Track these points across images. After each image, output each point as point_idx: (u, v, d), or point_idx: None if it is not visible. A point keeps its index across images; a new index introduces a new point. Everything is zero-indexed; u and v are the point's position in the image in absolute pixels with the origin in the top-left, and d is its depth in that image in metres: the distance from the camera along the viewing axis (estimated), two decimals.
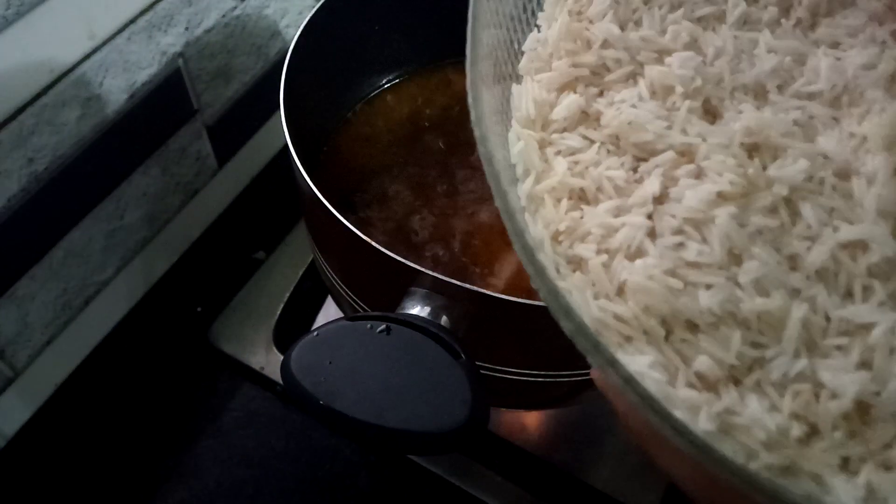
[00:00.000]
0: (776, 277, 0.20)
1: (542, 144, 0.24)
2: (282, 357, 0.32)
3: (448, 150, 0.49)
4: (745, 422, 0.19)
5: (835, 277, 0.21)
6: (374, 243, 0.33)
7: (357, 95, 0.52)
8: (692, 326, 0.20)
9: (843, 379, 0.19)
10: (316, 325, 0.53)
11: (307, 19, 0.42)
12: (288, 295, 0.57)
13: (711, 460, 0.17)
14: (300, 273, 0.58)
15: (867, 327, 0.20)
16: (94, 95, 0.44)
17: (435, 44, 0.53)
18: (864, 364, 0.19)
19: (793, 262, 0.21)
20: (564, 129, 0.24)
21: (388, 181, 0.47)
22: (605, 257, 0.22)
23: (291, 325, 0.56)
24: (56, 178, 0.44)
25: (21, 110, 0.40)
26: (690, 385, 0.20)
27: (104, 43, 0.43)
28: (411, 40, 0.52)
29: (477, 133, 0.22)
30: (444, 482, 0.49)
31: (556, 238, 0.23)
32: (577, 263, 0.22)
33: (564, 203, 0.23)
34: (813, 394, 0.19)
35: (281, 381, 0.42)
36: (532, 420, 0.53)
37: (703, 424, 0.19)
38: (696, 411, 0.19)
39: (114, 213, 0.50)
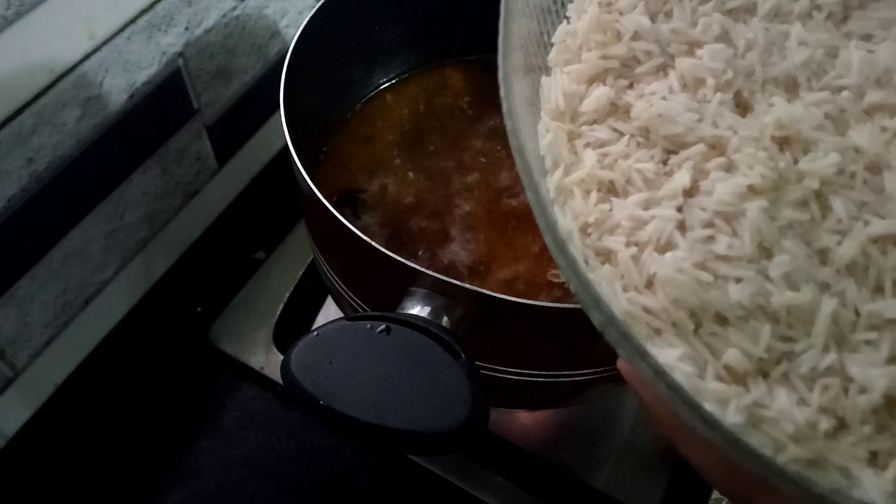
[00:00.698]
0: (806, 271, 0.20)
1: (572, 136, 0.24)
2: (282, 357, 0.32)
3: (448, 150, 0.49)
4: (773, 415, 0.19)
5: (864, 272, 0.21)
6: (374, 243, 0.33)
7: (357, 95, 0.52)
8: (721, 319, 0.21)
9: (872, 373, 0.19)
10: (316, 325, 0.53)
11: (307, 19, 0.42)
12: (288, 295, 0.57)
13: (739, 452, 0.18)
14: (300, 273, 0.58)
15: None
16: (94, 95, 0.44)
17: (435, 44, 0.53)
18: (894, 359, 0.19)
19: (823, 256, 0.21)
20: (594, 122, 0.24)
21: (387, 181, 0.47)
22: (634, 250, 0.21)
23: (291, 325, 0.56)
24: (56, 178, 0.44)
25: (21, 110, 0.40)
26: (719, 378, 0.20)
27: (104, 43, 0.43)
28: (411, 40, 0.52)
29: (509, 126, 0.22)
30: (444, 482, 0.49)
31: (584, 230, 0.22)
32: (606, 256, 0.22)
33: (594, 195, 0.23)
34: (842, 388, 0.19)
35: (281, 381, 0.42)
36: (532, 420, 0.53)
37: (731, 417, 0.19)
38: (724, 404, 0.19)
39: (114, 213, 0.50)
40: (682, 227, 0.22)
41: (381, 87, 0.53)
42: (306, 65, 0.41)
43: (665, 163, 0.23)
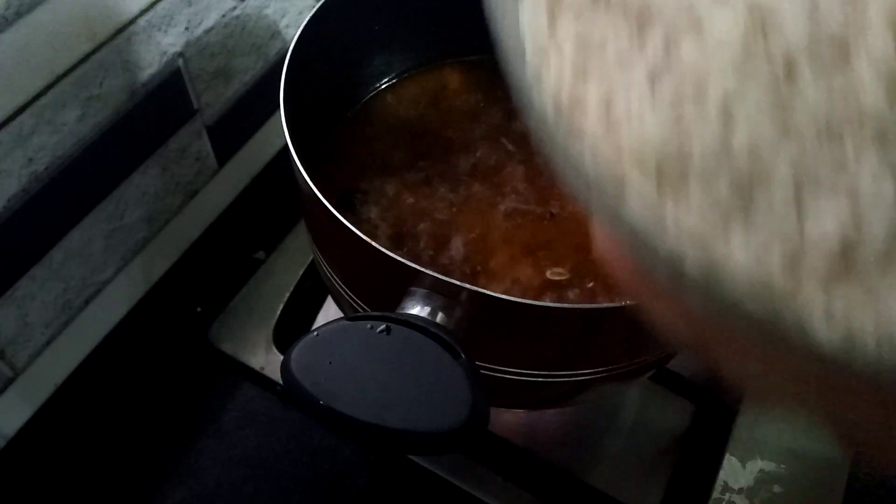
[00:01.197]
0: (768, 136, 0.20)
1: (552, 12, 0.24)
2: (282, 357, 0.32)
3: (448, 150, 0.49)
4: (731, 267, 0.19)
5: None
6: (374, 243, 0.33)
7: (357, 95, 0.52)
8: (685, 172, 0.21)
9: (827, 225, 0.19)
10: (316, 325, 0.53)
11: (307, 19, 0.42)
12: (288, 295, 0.57)
13: (704, 298, 0.19)
14: (300, 273, 0.58)
15: None
16: (94, 95, 0.44)
17: (435, 44, 0.53)
18: (851, 213, 0.20)
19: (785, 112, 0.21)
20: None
21: (388, 181, 0.47)
22: (606, 102, 0.22)
23: (291, 325, 0.56)
24: (56, 178, 0.44)
25: (21, 110, 0.40)
26: (682, 228, 0.20)
27: (104, 43, 0.43)
28: (411, 40, 0.52)
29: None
30: (444, 482, 0.49)
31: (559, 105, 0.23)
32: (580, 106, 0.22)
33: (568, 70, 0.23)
34: (798, 240, 0.19)
35: (281, 381, 0.42)
36: (532, 420, 0.53)
37: (690, 269, 0.19)
38: (685, 255, 0.20)
39: (114, 213, 0.50)
40: (651, 87, 0.22)
41: (381, 86, 0.53)
42: (306, 65, 0.41)
43: (639, 31, 0.23)
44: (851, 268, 0.19)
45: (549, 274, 0.43)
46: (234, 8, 0.52)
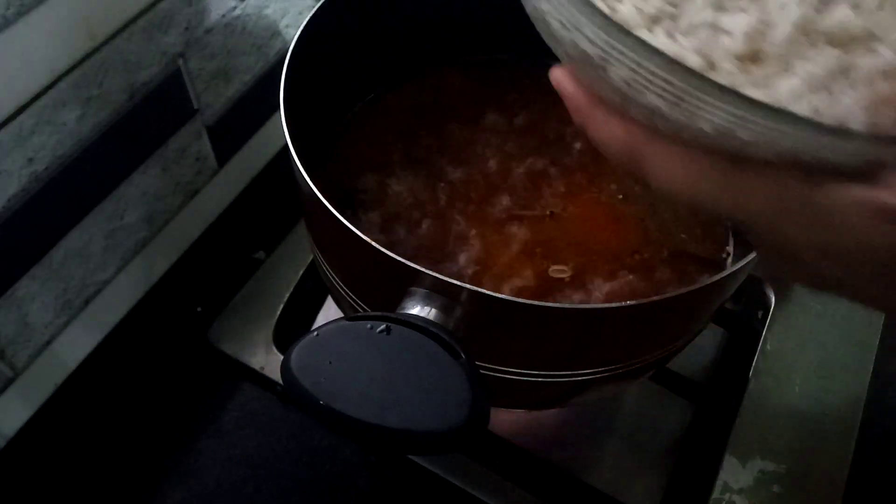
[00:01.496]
0: None
1: None
2: (282, 357, 0.32)
3: (448, 150, 0.49)
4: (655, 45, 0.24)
5: None
6: (374, 243, 0.33)
7: (357, 95, 0.52)
8: None
9: (737, 21, 0.23)
10: (316, 325, 0.53)
11: (307, 19, 0.42)
12: (288, 295, 0.57)
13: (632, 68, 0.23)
14: (300, 273, 0.58)
15: None
16: (94, 95, 0.44)
17: (435, 44, 0.53)
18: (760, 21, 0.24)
19: None
20: None
21: (388, 181, 0.47)
22: None
23: (291, 325, 0.56)
24: (56, 178, 0.44)
25: (21, 110, 0.40)
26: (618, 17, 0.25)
27: (104, 43, 0.43)
28: (412, 40, 0.52)
29: None
30: (444, 482, 0.49)
31: None
32: None
33: None
34: (712, 35, 0.24)
35: (281, 381, 0.42)
36: (532, 420, 0.53)
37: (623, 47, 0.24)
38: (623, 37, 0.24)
39: (114, 213, 0.50)
40: None
41: (382, 87, 0.53)
42: (306, 65, 0.41)
43: None
44: (759, 52, 0.23)
45: (551, 272, 0.43)
46: (235, 8, 0.52)
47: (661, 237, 0.45)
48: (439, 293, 0.33)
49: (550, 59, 0.27)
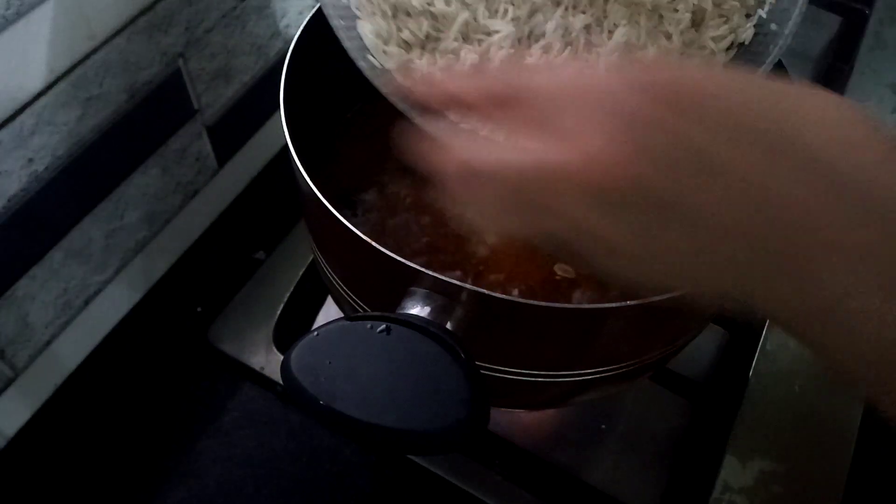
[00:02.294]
0: None
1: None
2: (282, 357, 0.32)
3: None
4: (416, 66, 0.36)
5: (493, 1, 0.37)
6: (374, 243, 0.33)
7: (357, 95, 0.52)
8: (407, 13, 0.37)
9: (470, 55, 0.36)
10: (316, 325, 0.53)
11: (307, 19, 0.42)
12: (288, 295, 0.57)
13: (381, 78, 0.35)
14: (300, 273, 0.58)
15: (496, 32, 0.37)
16: (94, 95, 0.44)
17: None
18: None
19: None
20: None
21: (388, 181, 0.47)
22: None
23: (291, 325, 0.56)
24: (56, 178, 0.44)
25: (21, 110, 0.40)
26: (398, 45, 0.37)
27: (104, 43, 0.43)
28: None
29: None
30: (444, 482, 0.49)
31: None
32: None
33: None
34: (455, 60, 0.37)
35: (281, 381, 0.42)
36: (532, 420, 0.53)
37: (388, 65, 0.36)
38: (393, 59, 0.36)
39: (114, 213, 0.50)
40: None
41: None
42: (306, 65, 0.41)
43: None
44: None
45: (556, 269, 0.43)
46: (235, 8, 0.52)
47: None
48: (439, 293, 0.33)
49: None
